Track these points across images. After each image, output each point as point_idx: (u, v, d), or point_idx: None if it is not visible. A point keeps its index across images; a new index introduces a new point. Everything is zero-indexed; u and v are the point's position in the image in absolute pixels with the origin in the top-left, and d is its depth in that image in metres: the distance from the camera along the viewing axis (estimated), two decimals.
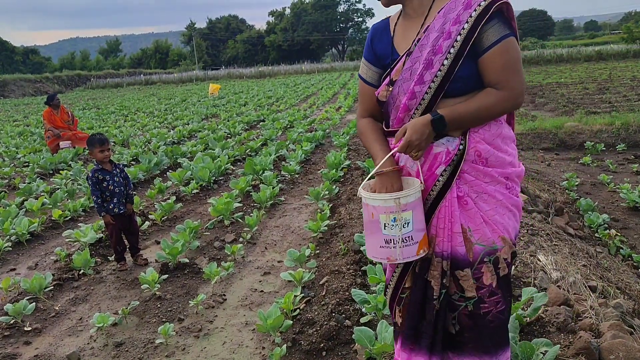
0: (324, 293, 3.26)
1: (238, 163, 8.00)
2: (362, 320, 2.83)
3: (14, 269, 4.27)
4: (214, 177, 6.70)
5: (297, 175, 6.89)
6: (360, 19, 78.49)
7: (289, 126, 11.97)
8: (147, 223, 5.06)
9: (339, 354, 2.65)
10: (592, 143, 9.46)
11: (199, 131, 11.75)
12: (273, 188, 5.66)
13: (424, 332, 1.77)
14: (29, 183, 6.93)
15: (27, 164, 8.76)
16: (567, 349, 2.38)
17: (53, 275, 3.88)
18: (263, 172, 6.55)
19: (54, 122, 9.42)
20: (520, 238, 3.95)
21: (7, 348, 3.00)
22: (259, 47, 76.90)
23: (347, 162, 7.02)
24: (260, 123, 12.98)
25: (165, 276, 3.70)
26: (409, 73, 1.69)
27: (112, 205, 3.99)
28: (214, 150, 8.51)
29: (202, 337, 2.99)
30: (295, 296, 3.15)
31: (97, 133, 4.09)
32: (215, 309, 3.32)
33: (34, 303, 3.35)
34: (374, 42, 1.85)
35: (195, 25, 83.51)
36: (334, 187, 5.79)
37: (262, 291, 3.54)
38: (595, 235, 5.22)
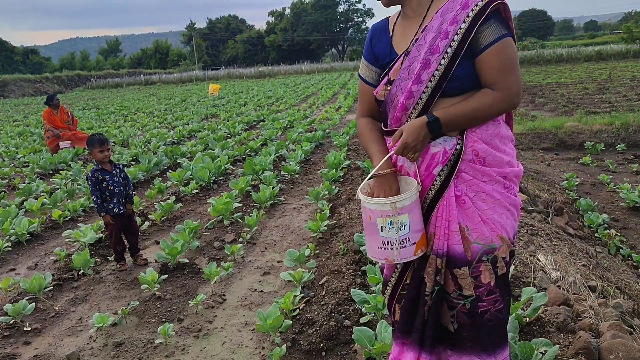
0: (323, 293, 3.26)
1: (238, 163, 8.01)
2: (362, 320, 2.83)
3: (14, 269, 4.28)
4: (213, 177, 6.71)
5: (296, 175, 6.89)
6: (360, 19, 78.53)
7: (288, 126, 11.97)
8: (147, 223, 5.06)
9: (339, 354, 2.65)
10: (592, 143, 9.46)
11: (199, 131, 11.75)
12: (273, 188, 5.66)
13: (415, 327, 1.79)
14: (29, 183, 6.93)
15: (26, 164, 8.76)
16: (567, 349, 2.38)
17: (53, 275, 3.89)
18: (263, 172, 6.55)
19: (53, 122, 9.42)
20: (520, 238, 3.95)
21: (7, 348, 3.00)
22: (258, 47, 76.89)
23: (347, 162, 7.02)
24: (260, 123, 12.98)
25: (165, 276, 3.70)
26: (407, 72, 1.70)
27: (112, 205, 3.99)
28: (213, 150, 8.51)
29: (201, 337, 2.99)
30: (295, 296, 3.15)
31: (97, 133, 4.09)
32: (215, 309, 3.32)
33: (34, 303, 3.35)
34: (373, 42, 1.87)
35: (195, 26, 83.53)
36: (334, 187, 5.79)
37: (261, 291, 3.54)
38: (595, 235, 5.22)
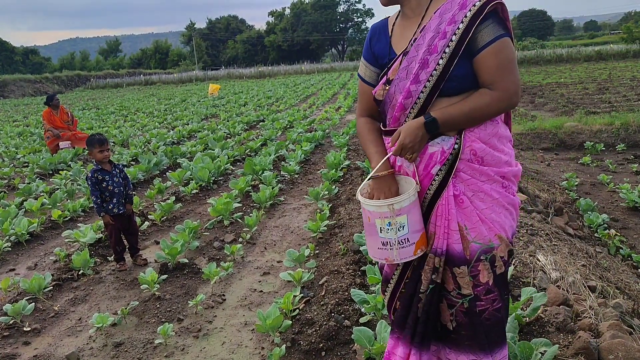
0: (323, 293, 3.26)
1: (238, 163, 8.01)
2: (362, 320, 2.83)
3: (14, 269, 4.28)
4: (213, 177, 6.70)
5: (296, 176, 6.89)
6: (360, 19, 78.58)
7: (288, 126, 11.97)
8: (147, 223, 5.06)
9: (338, 354, 2.65)
10: (592, 143, 9.45)
11: (199, 131, 11.75)
12: (272, 188, 5.66)
13: (408, 323, 1.81)
14: (29, 183, 6.93)
15: (26, 164, 8.76)
16: (566, 348, 2.38)
17: (52, 275, 3.89)
18: (263, 172, 6.55)
19: (53, 122, 9.42)
20: (520, 238, 3.95)
21: (7, 348, 3.00)
22: (258, 48, 76.91)
23: (347, 162, 7.02)
24: (260, 123, 12.99)
25: (165, 276, 3.70)
26: (405, 72, 1.70)
27: (112, 205, 3.99)
28: (213, 150, 8.51)
29: (201, 337, 2.99)
30: (295, 296, 3.15)
31: (97, 133, 4.08)
32: (215, 309, 3.32)
33: (33, 303, 3.35)
34: (372, 42, 1.87)
35: (195, 26, 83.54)
36: (334, 187, 5.79)
37: (261, 291, 3.54)
38: (595, 235, 5.22)
